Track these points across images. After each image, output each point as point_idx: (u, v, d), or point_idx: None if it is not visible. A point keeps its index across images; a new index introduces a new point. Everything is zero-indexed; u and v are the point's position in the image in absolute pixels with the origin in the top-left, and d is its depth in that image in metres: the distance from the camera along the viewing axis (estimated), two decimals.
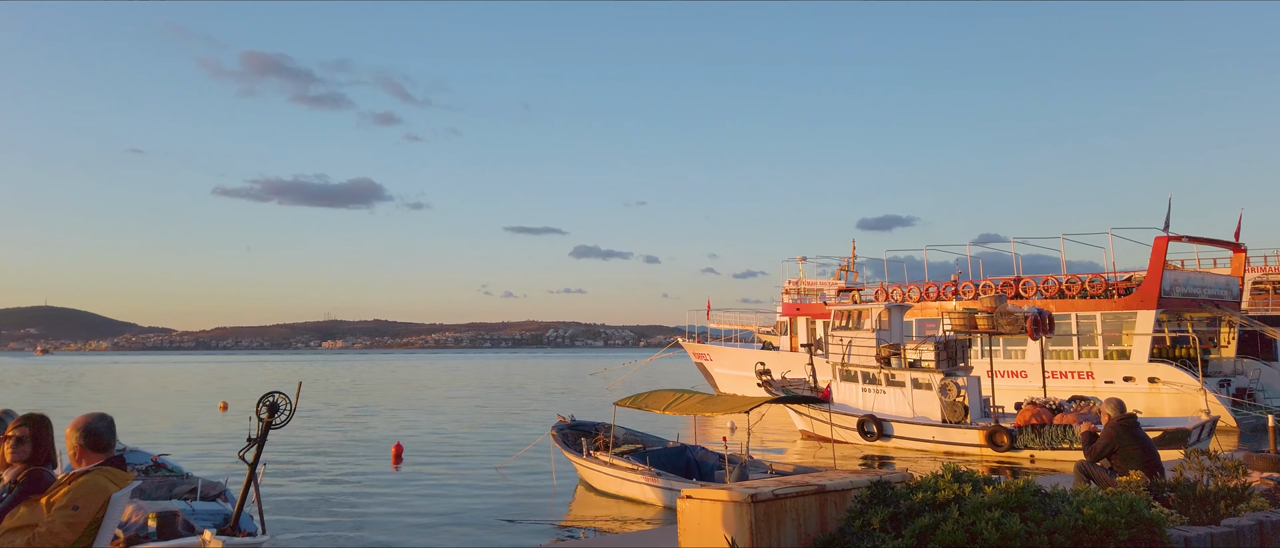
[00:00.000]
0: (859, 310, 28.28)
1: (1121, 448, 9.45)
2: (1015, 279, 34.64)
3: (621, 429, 19.42)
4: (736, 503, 6.30)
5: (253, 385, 71.23)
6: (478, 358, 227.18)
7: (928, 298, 36.39)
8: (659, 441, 18.93)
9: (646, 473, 15.89)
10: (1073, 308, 32.64)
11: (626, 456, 16.85)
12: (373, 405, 46.97)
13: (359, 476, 21.62)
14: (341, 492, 19.28)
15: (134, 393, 59.96)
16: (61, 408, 45.41)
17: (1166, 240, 30.81)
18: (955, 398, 25.22)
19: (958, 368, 26.17)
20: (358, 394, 58.42)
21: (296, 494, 18.86)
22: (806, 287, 48.67)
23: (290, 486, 19.92)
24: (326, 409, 43.76)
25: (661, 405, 16.19)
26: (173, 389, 64.86)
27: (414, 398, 54.02)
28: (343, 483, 20.61)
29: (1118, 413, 9.72)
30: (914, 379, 26.07)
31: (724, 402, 15.55)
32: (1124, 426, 9.56)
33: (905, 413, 26.18)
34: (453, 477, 20.84)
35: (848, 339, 27.84)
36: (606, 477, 17.00)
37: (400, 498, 18.47)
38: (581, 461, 17.63)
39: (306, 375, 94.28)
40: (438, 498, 18.28)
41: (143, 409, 44.76)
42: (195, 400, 50.17)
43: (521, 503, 17.43)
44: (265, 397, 11.75)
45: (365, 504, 17.74)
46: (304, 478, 21.20)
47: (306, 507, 17.36)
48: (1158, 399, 30.26)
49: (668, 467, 17.14)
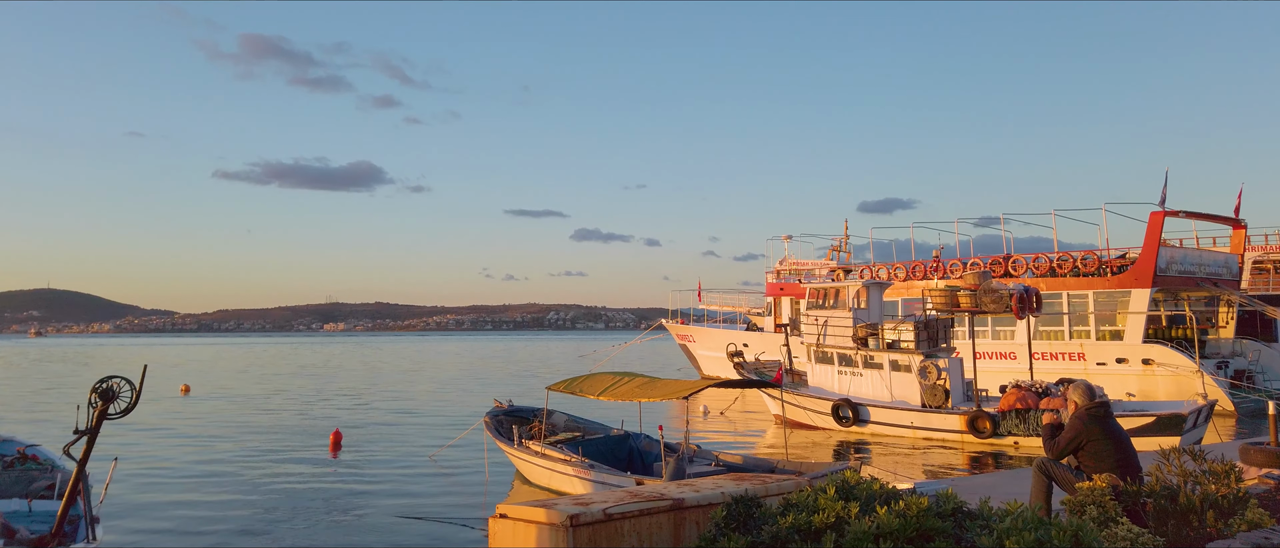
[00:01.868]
0: (836, 289, 26.73)
1: (1090, 443, 7.91)
2: (1005, 257, 33.05)
3: (563, 416, 17.96)
4: (552, 526, 4.82)
5: (232, 367, 69.92)
6: (478, 340, 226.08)
7: (913, 276, 34.81)
8: (602, 428, 17.45)
9: (578, 465, 14.42)
10: (1064, 287, 31.08)
11: (560, 445, 15.36)
12: (335, 389, 45.53)
13: (288, 464, 20.25)
14: (261, 482, 17.90)
15: (90, 374, 58.35)
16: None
17: (1162, 215, 29.21)
18: (935, 381, 23.70)
19: (939, 349, 24.65)
20: (321, 377, 57.01)
21: (204, 486, 17.47)
22: (795, 267, 47.02)
23: (201, 477, 18.56)
24: (278, 395, 42.33)
25: (597, 390, 14.69)
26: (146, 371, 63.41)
27: (379, 381, 52.61)
28: (266, 472, 19.31)
29: (1086, 400, 8.15)
30: (892, 361, 24.57)
31: (664, 387, 14.07)
32: (1093, 416, 8.00)
33: (883, 397, 24.70)
34: (385, 466, 19.40)
35: (824, 319, 26.32)
36: (538, 468, 15.54)
37: (319, 489, 17.04)
38: (513, 450, 16.15)
39: (305, 358, 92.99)
40: (357, 489, 16.89)
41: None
42: (159, 382, 48.73)
43: (447, 496, 15.99)
44: (99, 383, 10.25)
45: (275, 497, 16.34)
46: (220, 467, 19.88)
47: (204, 501, 15.96)
48: (1152, 382, 28.76)
49: (607, 457, 15.68)
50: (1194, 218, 32.85)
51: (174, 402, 37.76)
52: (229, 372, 63.78)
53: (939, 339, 24.83)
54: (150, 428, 27.29)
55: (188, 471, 19.50)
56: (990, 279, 24.14)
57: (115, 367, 73.14)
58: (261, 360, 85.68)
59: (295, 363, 78.88)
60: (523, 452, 15.79)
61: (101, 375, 9.84)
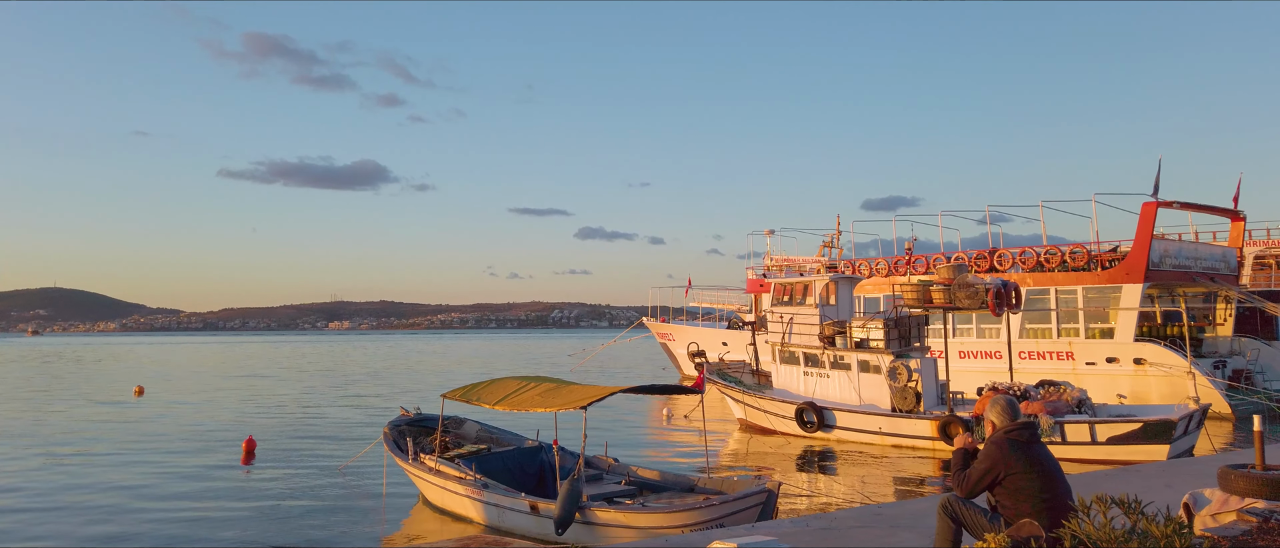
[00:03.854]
0: (802, 284, 24.94)
1: (1010, 477, 6.09)
2: (990, 251, 31.19)
3: (475, 426, 16.21)
4: None
5: (210, 367, 68.38)
6: (479, 339, 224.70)
7: (878, 273, 32.97)
8: (516, 439, 15.69)
9: (471, 484, 12.67)
10: (1052, 282, 29.21)
11: (458, 460, 13.60)
12: (299, 390, 43.85)
13: (186, 472, 18.62)
14: (142, 489, 16.26)
15: (54, 373, 57.20)
16: None
17: (1155, 206, 27.34)
18: (906, 383, 21.90)
19: (911, 349, 22.86)
20: (296, 377, 55.38)
21: (81, 497, 15.81)
22: (786, 263, 45.09)
23: (82, 488, 16.89)
24: (232, 396, 40.69)
25: (495, 399, 12.94)
26: (115, 371, 61.96)
27: (348, 381, 50.93)
28: (154, 483, 17.75)
29: (1006, 420, 6.32)
30: (861, 361, 22.78)
31: (566, 394, 12.33)
32: (1014, 443, 6.18)
33: (850, 400, 22.92)
34: (289, 479, 17.68)
35: (789, 316, 24.53)
36: (433, 487, 13.80)
37: (196, 505, 15.40)
38: (407, 465, 14.39)
39: (295, 357, 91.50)
40: (237, 507, 15.19)
41: (30, 395, 41.86)
42: (123, 383, 47.16)
43: (339, 516, 14.25)
44: None
45: (153, 512, 14.66)
46: (110, 475, 18.32)
47: (69, 515, 14.28)
48: (1145, 383, 26.92)
49: (514, 473, 13.93)
50: (1190, 209, 30.97)
51: (122, 404, 36.14)
52: (203, 372, 62.23)
53: (911, 338, 23.05)
54: (69, 430, 25.78)
55: (67, 479, 17.97)
56: (966, 273, 22.32)
57: (99, 365, 71.70)
58: (249, 360, 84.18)
59: (281, 362, 77.34)
60: (417, 468, 14.04)
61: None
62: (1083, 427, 19.41)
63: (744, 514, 10.73)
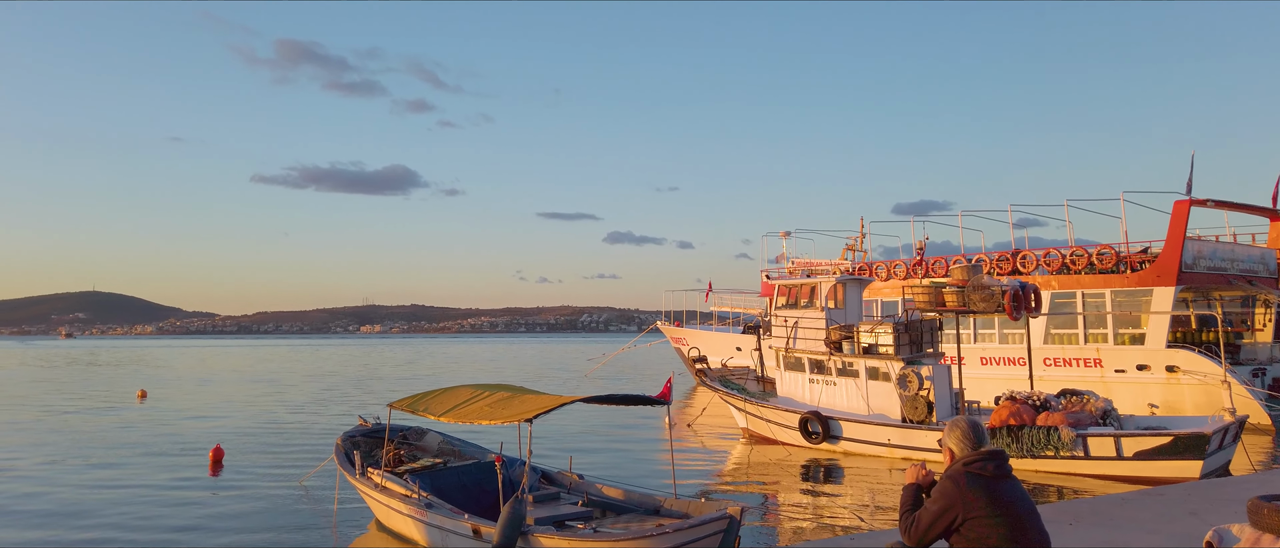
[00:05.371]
0: (807, 285, 23.60)
1: (971, 520, 4.79)
2: (1012, 252, 29.62)
3: (437, 437, 15.07)
4: None
5: (227, 371, 68.09)
6: (507, 342, 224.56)
7: (896, 275, 31.48)
8: (477, 452, 14.54)
9: (415, 503, 11.52)
10: (1078, 284, 27.61)
11: (407, 475, 12.46)
12: (300, 395, 43.06)
13: (145, 482, 17.71)
14: (95, 498, 15.32)
15: (69, 377, 57.02)
16: None
17: (1188, 205, 25.68)
18: (917, 391, 20.49)
19: (923, 355, 21.43)
20: (303, 382, 54.71)
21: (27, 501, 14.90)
22: (808, 266, 43.58)
23: (36, 492, 16.00)
24: (230, 403, 39.94)
25: (442, 409, 11.80)
26: (128, 375, 61.76)
27: (360, 385, 50.12)
28: (110, 489, 16.92)
29: (965, 449, 5.01)
30: (869, 368, 21.39)
31: (517, 404, 11.16)
32: (974, 478, 4.87)
33: (858, 409, 21.53)
34: (246, 491, 16.65)
35: (793, 320, 23.19)
36: (378, 504, 12.69)
37: (149, 514, 14.45)
38: (355, 480, 13.29)
39: (316, 360, 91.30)
40: (185, 517, 14.22)
41: (42, 396, 41.42)
42: (125, 389, 46.70)
43: (290, 534, 13.17)
44: None
45: (93, 519, 13.70)
46: (61, 482, 17.43)
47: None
48: (1178, 392, 25.26)
49: (471, 489, 12.77)
50: (1225, 208, 29.20)
51: (120, 408, 35.52)
52: (216, 376, 61.84)
53: (923, 343, 21.63)
54: (50, 434, 25.08)
55: (23, 483, 17.12)
56: (981, 275, 20.87)
57: (114, 369, 71.73)
58: (270, 364, 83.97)
59: (301, 366, 76.98)
60: (363, 483, 12.94)
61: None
62: (1107, 440, 17.92)
63: (703, 542, 9.52)
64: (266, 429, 27.26)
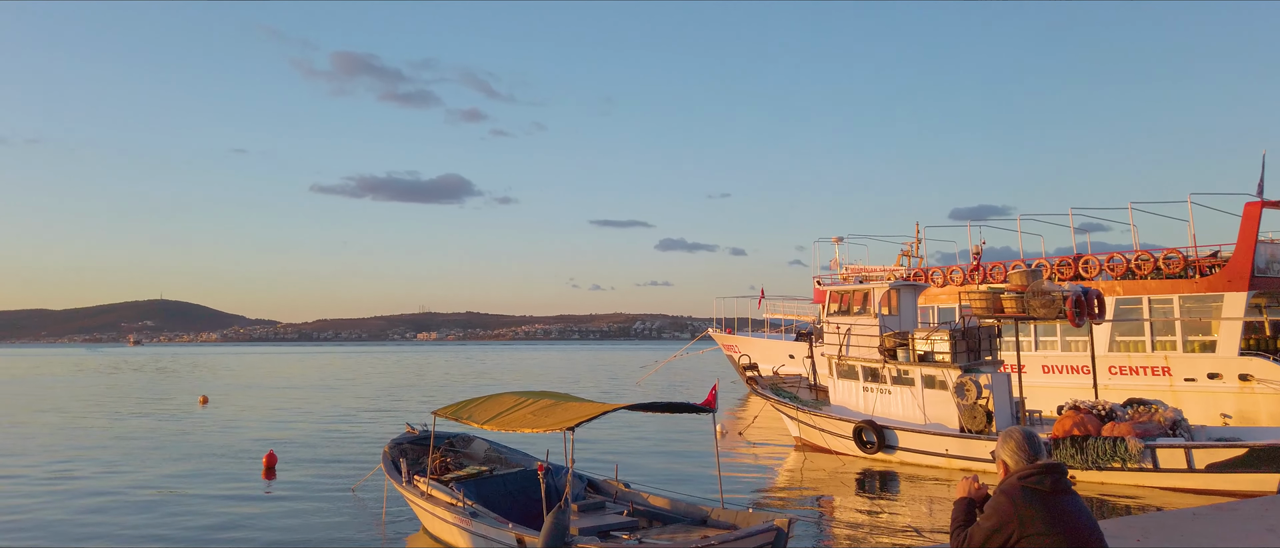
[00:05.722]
0: (860, 291, 23.15)
1: (1027, 540, 4.46)
2: (1074, 257, 28.74)
3: (484, 444, 15.01)
4: None
5: (288, 378, 69.30)
6: (563, 350, 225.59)
7: (953, 281, 30.73)
8: (525, 460, 14.44)
9: (460, 512, 11.44)
10: (1144, 290, 26.67)
11: (453, 483, 12.40)
12: (352, 403, 43.53)
13: (200, 487, 17.98)
14: (149, 502, 15.54)
15: (136, 383, 58.50)
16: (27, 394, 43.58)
17: (1260, 206, 24.65)
18: (975, 400, 19.93)
19: (981, 363, 20.86)
20: (356, 389, 55.33)
21: (86, 504, 15.16)
22: (863, 272, 42.90)
23: (93, 495, 16.30)
24: (286, 409, 40.50)
25: (486, 417, 11.74)
26: (190, 381, 63.18)
27: (412, 392, 50.56)
28: (164, 493, 17.24)
29: (1020, 462, 4.69)
30: (925, 376, 20.87)
31: (560, 412, 11.02)
32: (1031, 493, 4.54)
33: (914, 418, 21.03)
34: (297, 497, 16.79)
35: (846, 327, 22.75)
36: (424, 512, 12.64)
37: (199, 518, 14.59)
38: (401, 488, 13.27)
39: (371, 367, 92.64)
40: (235, 523, 14.33)
41: (107, 401, 42.45)
42: (187, 394, 47.74)
43: (333, 541, 13.20)
44: None
45: (146, 523, 13.88)
46: (118, 486, 17.73)
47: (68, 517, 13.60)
48: (1251, 402, 24.23)
49: (517, 498, 12.67)
50: None
51: (182, 414, 36.27)
52: (276, 382, 62.97)
53: (981, 350, 21.05)
54: (113, 438, 25.65)
55: (91, 486, 17.50)
56: (1041, 280, 20.25)
57: (175, 375, 73.49)
58: (327, 370, 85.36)
59: (355, 373, 78.10)
60: (410, 490, 12.92)
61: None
62: (1177, 452, 17.21)
63: None
64: (320, 435, 27.58)
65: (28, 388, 56.09)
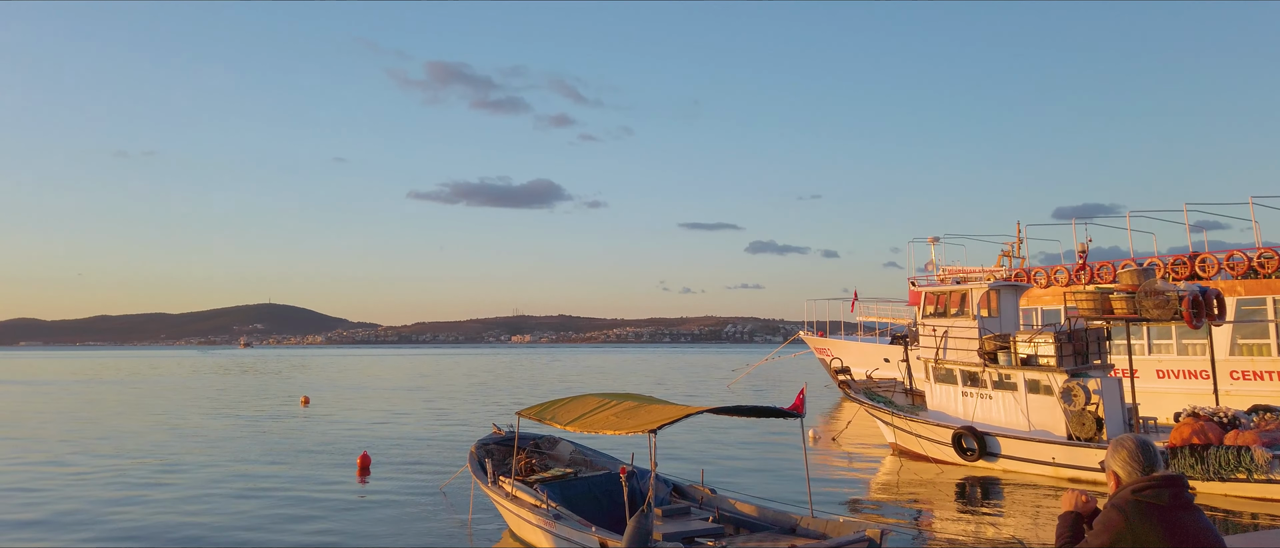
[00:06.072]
0: (957, 292, 22.27)
1: None
2: (1190, 255, 27.15)
3: (569, 446, 14.88)
4: None
5: (387, 380, 71.04)
6: (653, 352, 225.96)
7: (1058, 282, 29.33)
8: (609, 463, 14.24)
9: (544, 514, 11.31)
10: (1268, 290, 24.98)
11: (537, 485, 12.30)
12: (448, 403, 44.15)
13: (294, 486, 18.36)
14: (242, 501, 15.93)
15: (244, 383, 60.73)
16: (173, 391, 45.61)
17: None
18: (1083, 406, 18.92)
19: (1089, 367, 19.81)
20: (453, 390, 56.18)
21: (187, 492, 15.62)
22: (962, 274, 41.50)
23: (194, 485, 16.81)
24: (385, 409, 41.28)
25: (568, 418, 11.59)
26: (294, 382, 65.28)
27: (502, 392, 51.07)
28: (260, 492, 17.67)
29: (1133, 473, 4.20)
30: (1029, 380, 19.93)
31: (643, 414, 10.79)
32: (1145, 508, 4.05)
33: (1017, 425, 20.09)
34: (388, 496, 16.97)
35: (943, 329, 21.92)
36: (509, 513, 12.57)
37: (286, 515, 14.85)
38: (487, 488, 13.23)
39: (472, 368, 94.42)
40: (323, 522, 14.53)
41: (216, 401, 44.08)
42: (290, 395, 49.27)
43: (419, 541, 13.24)
44: None
45: (235, 522, 14.19)
46: (216, 484, 18.25)
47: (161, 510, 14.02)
48: None
49: (601, 501, 12.48)
50: None
51: (284, 415, 37.41)
52: (375, 384, 64.60)
53: (1089, 354, 20.00)
54: (216, 437, 26.55)
55: (193, 481, 18.08)
56: (1154, 280, 19.11)
57: (279, 376, 76.14)
58: (425, 372, 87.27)
59: (450, 375, 79.59)
60: (495, 491, 12.87)
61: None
62: None
63: None
64: (413, 435, 28.05)
65: (145, 388, 58.86)
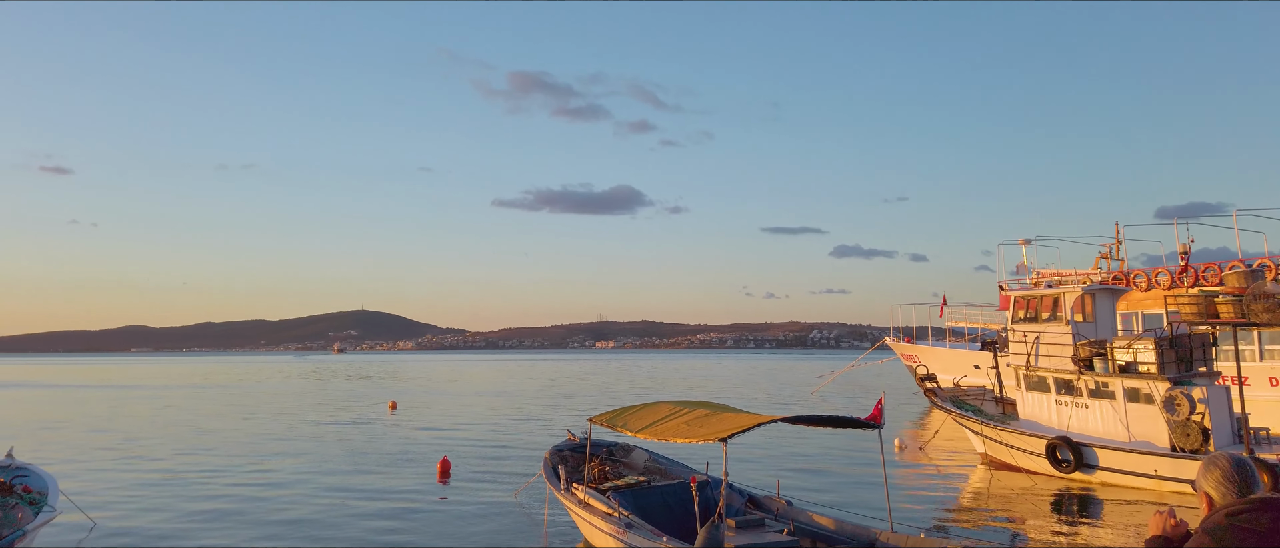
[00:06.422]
0: (1049, 296, 21.35)
1: None
2: None
3: (643, 454, 14.67)
4: None
5: (473, 385, 72.10)
6: (737, 359, 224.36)
7: (1160, 285, 27.85)
8: (684, 472, 13.98)
9: (615, 521, 11.15)
10: None
11: (610, 493, 12.14)
12: (531, 410, 44.42)
13: (375, 490, 18.62)
14: (325, 503, 16.17)
15: (334, 388, 62.31)
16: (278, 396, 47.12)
17: None
18: (1188, 416, 17.90)
19: (1194, 374, 18.73)
20: (533, 396, 56.54)
21: (264, 494, 15.97)
22: (1057, 277, 39.97)
23: (275, 493, 17.16)
24: (467, 415, 41.72)
25: (640, 425, 11.41)
26: (384, 388, 66.71)
27: (590, 400, 51.18)
28: (342, 495, 17.90)
29: (1227, 495, 3.75)
30: (1129, 389, 18.95)
31: (715, 422, 10.52)
32: (1240, 534, 3.59)
33: (1116, 435, 19.13)
34: (465, 501, 17.05)
35: (1033, 335, 21.02)
36: (581, 520, 12.44)
37: (376, 523, 14.99)
38: (560, 495, 13.14)
39: (550, 374, 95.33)
40: (400, 525, 14.63)
41: (309, 405, 45.25)
42: (379, 400, 50.36)
43: (498, 545, 13.23)
44: None
45: (318, 522, 14.40)
46: (300, 485, 18.61)
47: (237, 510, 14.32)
48: None
49: (675, 510, 12.25)
50: None
51: (371, 420, 38.20)
52: (459, 389, 65.59)
53: (1193, 361, 18.92)
54: (306, 440, 27.19)
55: (281, 479, 18.52)
56: (1264, 282, 17.97)
57: (375, 381, 78.02)
58: (508, 378, 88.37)
59: (533, 381, 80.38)
60: (567, 498, 12.77)
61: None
62: None
63: None
64: (493, 440, 28.31)
65: (244, 393, 60.97)
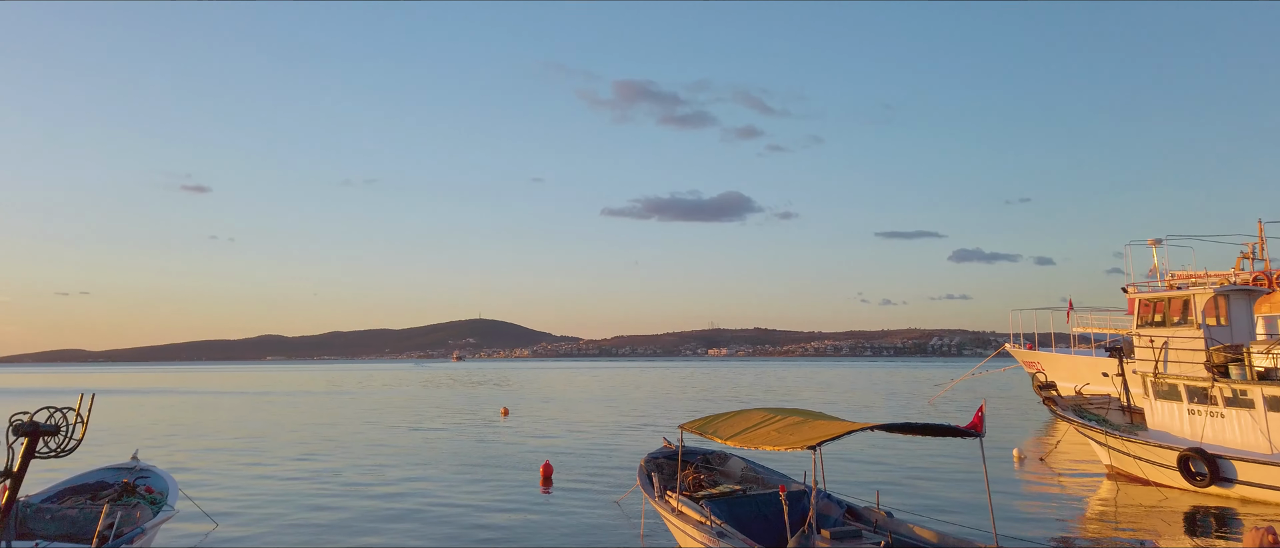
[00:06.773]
0: (1178, 298, 20.02)
1: None
2: None
3: (740, 462, 14.38)
4: None
5: (585, 392, 72.84)
6: (853, 367, 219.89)
7: None
8: (781, 481, 13.62)
9: (707, 529, 10.93)
10: None
11: (703, 501, 11.92)
12: (638, 416, 44.42)
13: (481, 493, 18.89)
14: (430, 505, 16.50)
15: (454, 394, 63.80)
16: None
17: None
18: None
19: None
20: (622, 404, 56.53)
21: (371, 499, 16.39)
22: (1192, 279, 37.61)
23: (381, 493, 17.60)
24: (576, 421, 42.00)
25: (730, 432, 11.16)
26: (498, 393, 68.01)
27: (663, 406, 50.87)
28: (447, 497, 18.30)
29: None
30: (1269, 397, 17.58)
31: (806, 430, 10.16)
32: None
33: (1257, 447, 17.76)
34: (566, 507, 17.07)
35: (1162, 340, 19.74)
36: (675, 528, 12.26)
37: (478, 527, 15.19)
38: (654, 502, 12.98)
39: (667, 380, 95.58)
40: (511, 534, 14.74)
41: (428, 411, 46.42)
42: (493, 406, 51.35)
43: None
44: (19, 417, 8.69)
45: (421, 525, 14.67)
46: (408, 485, 18.99)
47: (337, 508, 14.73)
48: None
49: (770, 520, 11.94)
50: None
51: (485, 425, 38.96)
52: (571, 396, 66.32)
53: None
54: (423, 444, 27.90)
55: (394, 478, 19.13)
56: None
57: (491, 388, 79.78)
58: (617, 385, 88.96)
59: (643, 388, 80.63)
60: (661, 505, 12.62)
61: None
62: None
63: None
64: (598, 446, 28.48)
65: (367, 400, 63.26)
